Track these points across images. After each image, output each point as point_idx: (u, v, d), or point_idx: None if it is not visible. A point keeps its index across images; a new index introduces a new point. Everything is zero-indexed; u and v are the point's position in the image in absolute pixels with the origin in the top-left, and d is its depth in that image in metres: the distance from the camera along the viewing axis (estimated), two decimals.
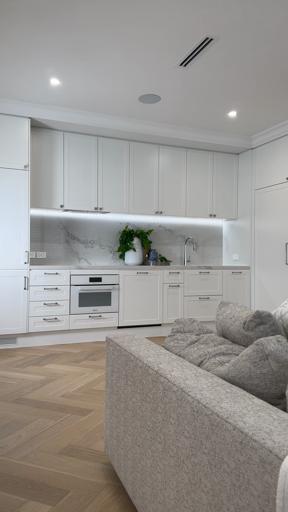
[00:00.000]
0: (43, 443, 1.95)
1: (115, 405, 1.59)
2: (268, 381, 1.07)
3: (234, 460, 0.81)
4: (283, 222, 4.57)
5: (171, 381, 1.12)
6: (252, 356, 1.10)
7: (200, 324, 1.70)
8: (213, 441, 0.89)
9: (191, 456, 0.98)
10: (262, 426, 0.79)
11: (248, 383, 1.09)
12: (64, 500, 1.49)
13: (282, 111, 4.18)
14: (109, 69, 3.32)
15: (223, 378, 1.16)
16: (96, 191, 4.62)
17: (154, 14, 2.58)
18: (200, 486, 0.94)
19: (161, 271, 4.65)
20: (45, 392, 2.68)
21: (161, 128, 4.62)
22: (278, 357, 1.08)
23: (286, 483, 0.66)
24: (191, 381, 1.08)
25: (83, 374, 3.12)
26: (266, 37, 2.83)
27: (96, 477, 1.65)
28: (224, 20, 2.64)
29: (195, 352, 1.45)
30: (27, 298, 4.01)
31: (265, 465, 0.73)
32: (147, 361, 1.32)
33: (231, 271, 5.02)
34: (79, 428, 2.13)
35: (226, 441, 0.84)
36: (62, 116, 4.18)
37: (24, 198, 4.02)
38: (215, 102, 3.99)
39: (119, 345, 1.59)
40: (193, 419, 0.97)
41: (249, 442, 0.77)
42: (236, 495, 0.80)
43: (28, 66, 3.28)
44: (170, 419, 1.10)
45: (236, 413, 0.86)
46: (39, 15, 2.61)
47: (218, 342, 1.53)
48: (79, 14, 2.59)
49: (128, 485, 1.42)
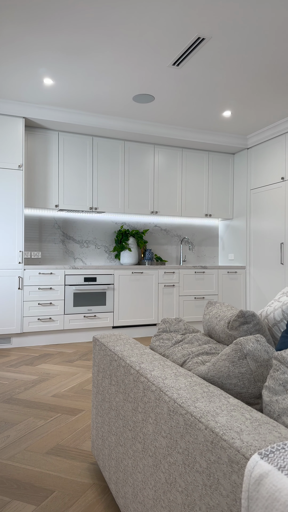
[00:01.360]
0: (31, 443, 1.95)
1: (101, 405, 1.59)
2: (247, 381, 1.07)
3: (206, 460, 0.81)
4: (278, 222, 4.57)
5: (150, 380, 1.12)
6: (231, 355, 1.10)
7: (186, 324, 1.70)
8: (187, 440, 0.89)
9: (167, 455, 0.98)
10: (233, 426, 0.79)
11: (227, 383, 1.09)
12: (49, 500, 1.49)
13: (277, 111, 4.18)
14: (102, 69, 3.32)
15: (203, 378, 1.16)
16: (91, 191, 4.62)
17: (145, 14, 2.57)
18: (175, 486, 0.94)
19: (156, 270, 4.64)
20: (37, 392, 2.68)
21: (156, 128, 4.62)
22: (256, 356, 1.08)
23: (251, 482, 0.66)
24: (170, 380, 1.08)
25: (75, 374, 3.12)
26: (258, 37, 2.83)
27: (82, 477, 1.65)
28: (215, 20, 2.64)
29: (179, 351, 1.45)
30: (21, 298, 4.01)
31: (233, 464, 0.72)
32: (130, 360, 1.32)
33: (226, 271, 5.02)
34: (68, 428, 2.12)
35: (198, 441, 0.84)
36: (57, 116, 4.17)
37: (18, 198, 4.02)
38: (209, 102, 3.98)
39: (105, 345, 1.59)
40: (169, 418, 0.97)
41: (219, 442, 0.77)
42: (207, 495, 0.80)
43: (21, 66, 3.27)
44: (149, 418, 1.10)
45: (209, 413, 0.86)
46: (30, 16, 2.61)
47: (202, 342, 1.52)
48: (71, 14, 2.58)
49: (112, 484, 1.42)
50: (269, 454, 0.67)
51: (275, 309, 1.54)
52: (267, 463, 0.65)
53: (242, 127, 4.69)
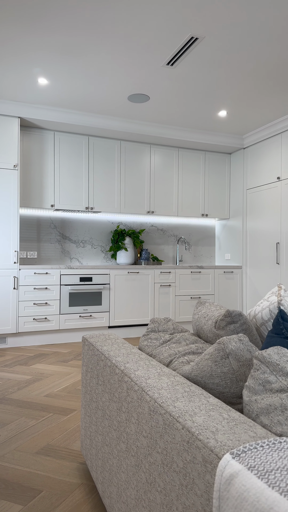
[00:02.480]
0: (21, 442, 1.94)
1: (89, 404, 1.59)
2: (229, 380, 1.07)
3: (182, 460, 0.81)
4: (274, 221, 4.56)
5: (133, 380, 1.12)
6: (214, 355, 1.10)
7: (175, 324, 1.70)
8: (165, 440, 0.89)
9: (147, 455, 0.98)
10: (209, 426, 0.79)
11: (210, 382, 1.09)
12: (36, 500, 1.49)
13: (272, 110, 4.18)
14: (97, 68, 3.32)
15: (186, 377, 1.16)
16: (87, 191, 4.62)
17: (138, 14, 2.57)
18: (155, 486, 0.93)
19: (152, 270, 4.64)
20: (30, 392, 2.68)
21: (152, 127, 4.61)
22: (239, 356, 1.08)
23: (222, 482, 0.66)
24: (153, 380, 1.08)
25: (69, 374, 3.12)
26: (252, 37, 2.83)
27: (70, 477, 1.65)
28: (208, 20, 2.63)
29: (166, 351, 1.45)
30: (17, 298, 4.01)
31: (206, 464, 0.72)
32: (116, 360, 1.32)
33: (223, 270, 5.01)
34: (59, 427, 2.12)
35: (176, 441, 0.84)
36: (52, 115, 4.17)
37: (14, 197, 4.02)
38: (204, 102, 3.98)
39: (93, 345, 1.59)
40: (150, 418, 0.97)
41: (195, 442, 0.77)
42: (183, 495, 0.80)
43: (16, 65, 3.27)
44: (132, 418, 1.10)
45: (187, 412, 0.86)
46: (24, 16, 2.60)
47: (190, 341, 1.52)
48: (64, 14, 2.58)
49: (99, 484, 1.42)
50: (240, 454, 0.67)
51: (263, 309, 1.54)
52: (238, 462, 0.65)
53: (238, 126, 4.69)
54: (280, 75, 3.40)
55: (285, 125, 4.37)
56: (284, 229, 4.42)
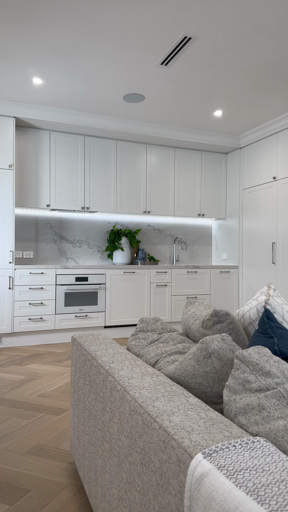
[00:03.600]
0: (12, 442, 1.94)
1: (77, 404, 1.59)
2: (211, 380, 1.07)
3: (159, 459, 0.81)
4: (270, 221, 4.56)
5: (117, 380, 1.12)
6: (197, 354, 1.10)
7: (164, 323, 1.70)
8: (144, 440, 0.88)
9: (128, 455, 0.98)
10: (185, 425, 0.79)
11: (192, 382, 1.09)
12: (23, 500, 1.48)
13: (268, 110, 4.18)
14: (91, 68, 3.32)
15: (170, 377, 1.16)
16: (83, 191, 4.61)
17: (130, 13, 2.57)
18: (134, 486, 0.93)
19: (148, 270, 4.64)
20: (23, 392, 2.68)
21: (148, 127, 4.61)
22: (221, 355, 1.08)
23: (193, 482, 0.65)
24: (135, 380, 1.08)
25: (63, 374, 3.12)
26: (245, 37, 2.83)
27: (59, 477, 1.65)
28: (200, 20, 2.63)
29: (153, 351, 1.45)
30: (12, 298, 4.01)
31: (180, 464, 0.72)
32: (101, 360, 1.32)
33: (219, 270, 5.01)
34: (50, 427, 2.12)
35: (153, 440, 0.84)
36: (48, 115, 4.17)
37: (9, 197, 4.02)
38: (199, 101, 3.98)
39: (81, 345, 1.59)
40: (130, 418, 0.97)
41: (170, 441, 0.77)
42: (159, 494, 0.80)
43: (10, 65, 3.27)
44: (115, 418, 1.10)
45: (165, 412, 0.86)
46: (16, 16, 2.60)
47: (177, 341, 1.52)
48: (57, 14, 2.58)
49: (86, 484, 1.42)
50: (212, 454, 0.67)
51: (251, 308, 1.53)
52: (209, 462, 0.65)
53: (234, 126, 4.69)
54: (275, 75, 3.40)
55: (280, 124, 4.36)
56: (280, 229, 4.42)
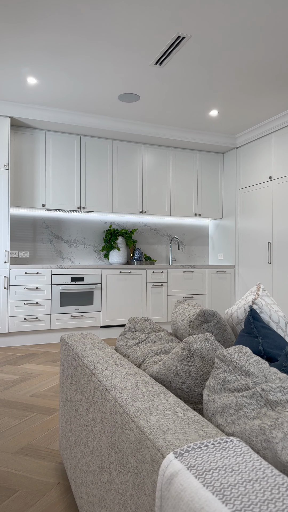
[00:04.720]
0: (2, 442, 1.94)
1: (65, 404, 1.59)
2: (193, 379, 1.07)
3: (135, 459, 0.80)
4: (266, 221, 4.56)
5: (100, 380, 1.12)
6: (179, 354, 1.10)
7: (152, 323, 1.70)
8: (122, 440, 0.88)
9: (108, 455, 0.98)
10: (161, 425, 0.79)
11: (175, 381, 1.09)
12: (10, 500, 1.48)
13: (264, 110, 4.17)
14: (86, 67, 3.31)
15: (154, 377, 1.16)
16: (79, 190, 4.61)
17: (124, 12, 2.57)
18: (114, 486, 0.93)
19: (144, 270, 4.64)
20: (16, 392, 2.68)
21: (144, 127, 4.61)
22: (203, 355, 1.07)
23: (163, 481, 0.65)
24: (118, 380, 1.08)
25: (57, 374, 3.11)
26: (238, 36, 2.82)
27: (47, 477, 1.65)
28: (193, 19, 2.63)
29: (139, 351, 1.44)
30: (7, 297, 4.00)
31: (154, 464, 0.72)
32: (87, 360, 1.32)
33: (215, 270, 5.01)
34: (41, 427, 2.12)
35: (130, 440, 0.83)
36: (43, 115, 4.17)
37: (4, 197, 4.01)
38: (195, 101, 3.97)
39: (69, 345, 1.59)
40: (111, 418, 0.97)
41: (145, 441, 0.76)
42: (136, 494, 0.80)
43: (4, 65, 3.27)
44: (97, 418, 1.09)
45: (143, 412, 0.86)
46: (9, 15, 2.60)
47: (165, 341, 1.52)
48: (50, 13, 2.58)
49: (72, 484, 1.42)
50: (183, 453, 0.66)
51: (239, 308, 1.53)
52: (179, 462, 0.65)
53: (230, 126, 4.68)
54: (270, 74, 3.39)
55: (276, 124, 4.36)
56: (275, 229, 4.41)
